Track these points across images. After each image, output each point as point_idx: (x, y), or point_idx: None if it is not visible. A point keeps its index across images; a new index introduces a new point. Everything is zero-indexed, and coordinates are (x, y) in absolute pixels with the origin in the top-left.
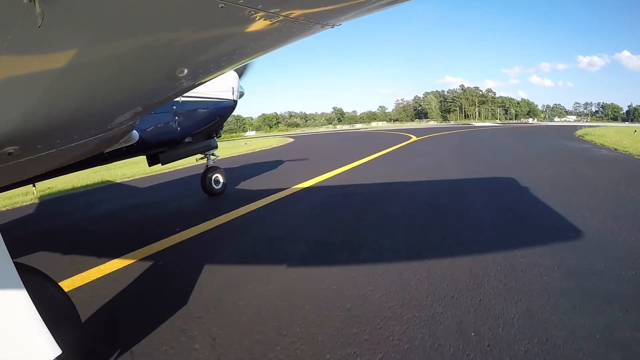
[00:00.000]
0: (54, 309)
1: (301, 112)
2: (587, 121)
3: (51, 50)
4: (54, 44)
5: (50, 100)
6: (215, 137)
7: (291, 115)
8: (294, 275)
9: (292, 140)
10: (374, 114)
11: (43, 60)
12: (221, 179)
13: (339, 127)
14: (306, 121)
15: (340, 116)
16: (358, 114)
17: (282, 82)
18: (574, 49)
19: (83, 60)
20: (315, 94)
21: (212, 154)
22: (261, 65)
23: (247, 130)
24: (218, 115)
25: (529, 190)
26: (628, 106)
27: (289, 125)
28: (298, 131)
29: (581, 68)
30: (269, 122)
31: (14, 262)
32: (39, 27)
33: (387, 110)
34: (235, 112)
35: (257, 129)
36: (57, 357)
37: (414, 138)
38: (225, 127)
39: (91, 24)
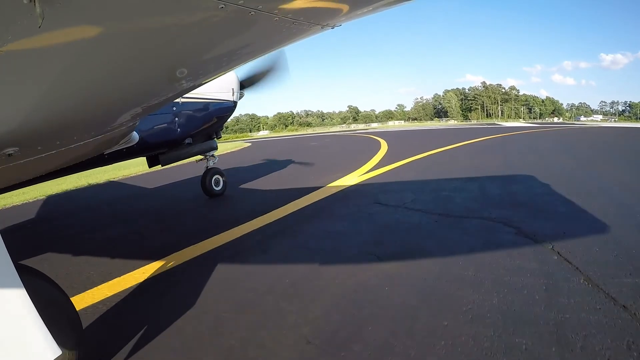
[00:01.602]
0: (55, 310)
1: (318, 110)
2: (614, 121)
3: (51, 51)
4: (54, 45)
5: (50, 101)
6: (215, 138)
7: (308, 114)
8: None
9: (238, 149)
10: (390, 112)
11: (43, 60)
12: (221, 180)
13: (353, 127)
14: (323, 120)
15: (355, 115)
16: (377, 112)
17: (300, 80)
18: (596, 46)
19: (83, 61)
20: (333, 93)
21: (212, 155)
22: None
23: (260, 130)
24: (218, 116)
25: None
26: None
27: (300, 124)
28: (309, 131)
29: (604, 66)
30: (285, 121)
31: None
32: (39, 27)
33: (405, 109)
34: (250, 111)
35: (272, 128)
36: (56, 358)
37: (376, 157)
38: (237, 126)
39: (91, 24)
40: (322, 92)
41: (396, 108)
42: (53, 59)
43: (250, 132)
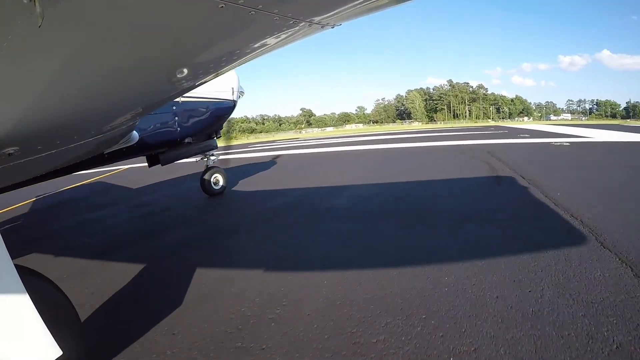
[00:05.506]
0: (53, 310)
1: (275, 115)
2: (585, 119)
3: (51, 51)
4: (53, 44)
5: (51, 101)
6: (215, 138)
7: (264, 118)
8: None
9: None
10: (347, 115)
11: (43, 60)
12: (221, 179)
13: (305, 132)
14: (280, 125)
15: (309, 119)
16: (337, 115)
17: (258, 83)
18: (554, 48)
19: (83, 61)
20: (291, 95)
21: (212, 154)
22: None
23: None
24: (218, 116)
25: None
26: (627, 102)
27: (242, 131)
28: (251, 139)
29: (562, 68)
30: (238, 127)
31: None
32: (39, 27)
33: (366, 112)
34: None
35: (224, 134)
36: (57, 358)
37: None
38: None
39: (91, 24)
40: (280, 94)
41: (356, 110)
42: (53, 58)
43: None
